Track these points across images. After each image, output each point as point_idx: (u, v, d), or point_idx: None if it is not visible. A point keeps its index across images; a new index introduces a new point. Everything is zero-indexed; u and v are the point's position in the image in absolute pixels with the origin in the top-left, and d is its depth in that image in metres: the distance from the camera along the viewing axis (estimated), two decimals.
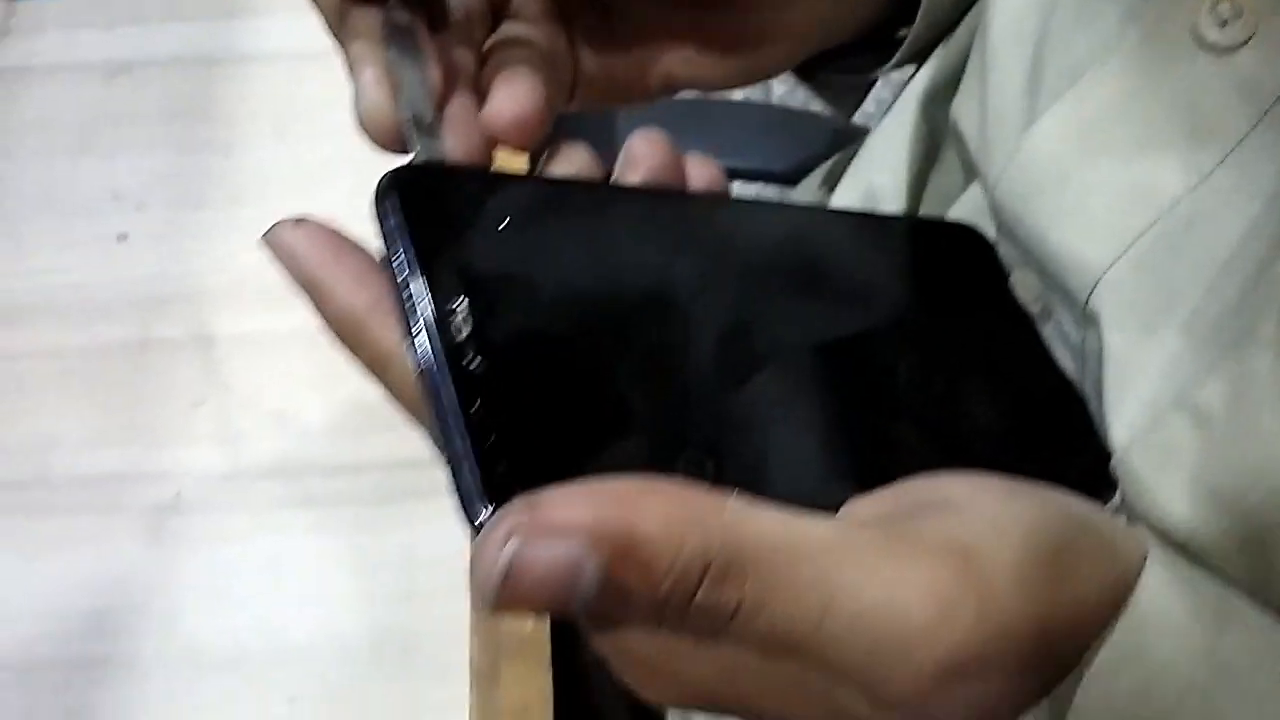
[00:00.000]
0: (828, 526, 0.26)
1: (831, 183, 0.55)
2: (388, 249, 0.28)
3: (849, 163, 0.53)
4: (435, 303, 0.27)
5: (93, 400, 0.53)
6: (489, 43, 0.35)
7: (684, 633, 0.25)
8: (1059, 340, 0.38)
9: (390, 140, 0.31)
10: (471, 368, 0.26)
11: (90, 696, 0.46)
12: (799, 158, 0.83)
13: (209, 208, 0.59)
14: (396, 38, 0.31)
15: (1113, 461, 0.34)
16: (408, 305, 0.27)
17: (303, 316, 0.55)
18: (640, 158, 0.33)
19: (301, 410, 0.53)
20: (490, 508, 0.24)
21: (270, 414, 0.52)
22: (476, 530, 0.24)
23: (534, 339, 0.28)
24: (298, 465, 0.51)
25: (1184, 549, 0.31)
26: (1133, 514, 0.33)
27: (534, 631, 0.46)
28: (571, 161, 0.33)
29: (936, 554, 0.26)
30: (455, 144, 0.31)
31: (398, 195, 0.28)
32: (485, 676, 0.45)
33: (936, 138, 0.46)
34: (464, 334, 0.27)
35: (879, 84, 0.49)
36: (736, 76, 0.41)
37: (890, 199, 0.47)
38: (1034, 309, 0.38)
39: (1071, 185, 0.35)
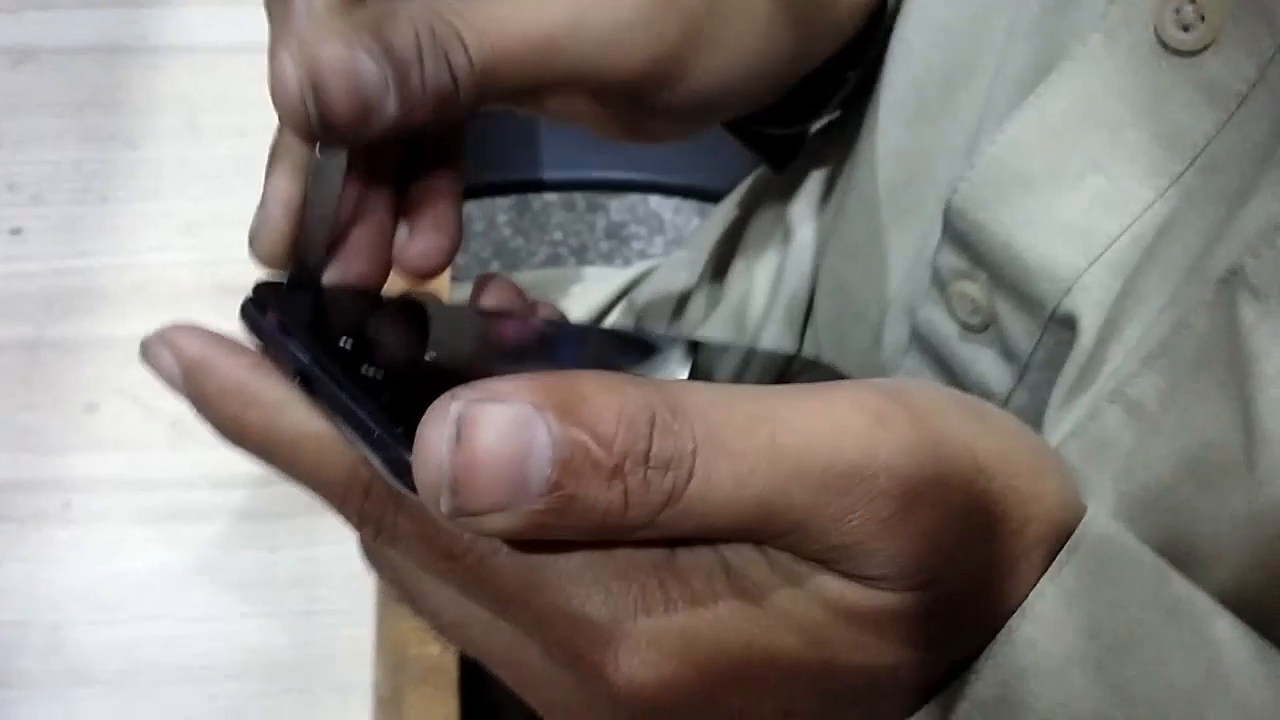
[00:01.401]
0: (749, 387, 0.25)
1: (749, 203, 0.54)
2: (261, 322, 0.29)
3: (763, 182, 0.52)
4: (319, 339, 0.28)
5: None
6: (416, 157, 0.35)
7: (647, 510, 0.23)
8: (995, 351, 0.37)
9: (269, 265, 0.33)
10: (369, 375, 0.27)
11: None
12: (734, 175, 0.82)
13: (112, 202, 0.56)
14: (318, 170, 0.32)
15: None
16: (293, 347, 0.28)
17: (207, 319, 0.54)
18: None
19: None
20: None
21: (168, 422, 0.50)
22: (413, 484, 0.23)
23: (415, 363, 0.30)
24: (195, 476, 0.49)
25: None
26: None
27: (441, 657, 0.44)
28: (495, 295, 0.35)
29: (860, 387, 0.25)
30: (336, 278, 0.33)
31: (267, 288, 0.31)
32: (388, 703, 0.44)
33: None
34: (352, 359, 0.28)
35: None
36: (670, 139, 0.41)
37: (806, 220, 0.47)
38: (971, 320, 0.37)
39: (1039, 191, 0.35)
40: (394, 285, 0.35)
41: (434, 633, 0.28)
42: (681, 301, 0.55)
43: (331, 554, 0.47)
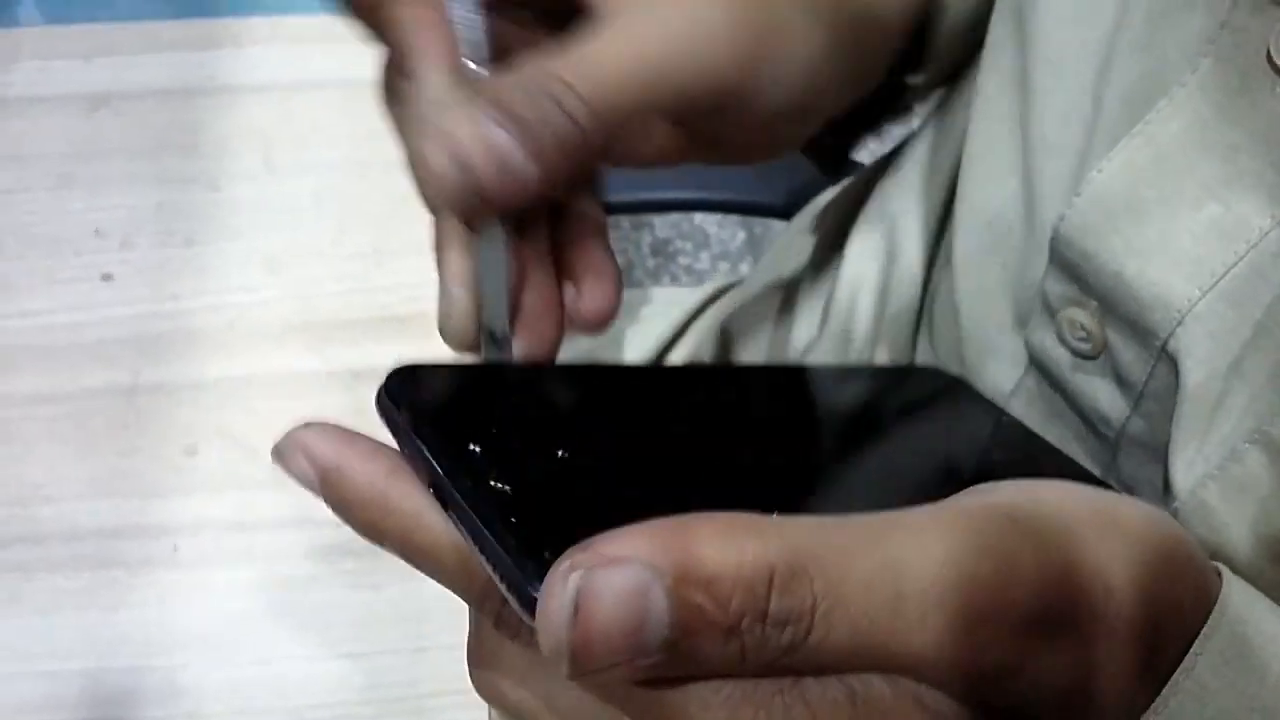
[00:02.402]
0: (873, 516, 0.25)
1: (829, 220, 0.54)
2: (397, 419, 0.29)
3: (848, 199, 0.52)
4: (450, 447, 0.28)
5: (81, 448, 0.51)
6: (563, 213, 0.36)
7: (763, 661, 0.23)
8: (1109, 379, 0.37)
9: (465, 350, 0.33)
10: (498, 488, 0.27)
11: None
12: (786, 190, 0.82)
13: (197, 244, 0.57)
14: (484, 247, 0.33)
15: (1176, 505, 0.34)
16: (426, 453, 0.28)
17: (299, 356, 0.54)
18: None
19: None
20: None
21: (268, 461, 0.50)
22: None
23: (553, 468, 0.29)
24: (298, 515, 0.49)
25: None
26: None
27: None
28: None
29: (980, 513, 0.25)
30: (524, 352, 0.34)
31: (399, 378, 0.30)
32: None
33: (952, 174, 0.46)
34: (483, 467, 0.27)
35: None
36: (741, 163, 0.41)
37: (911, 235, 0.47)
38: (1082, 347, 0.37)
39: (1151, 219, 0.34)
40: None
41: None
42: (778, 324, 0.55)
43: (437, 589, 0.47)
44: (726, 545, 0.23)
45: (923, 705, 0.24)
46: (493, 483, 0.27)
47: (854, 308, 0.48)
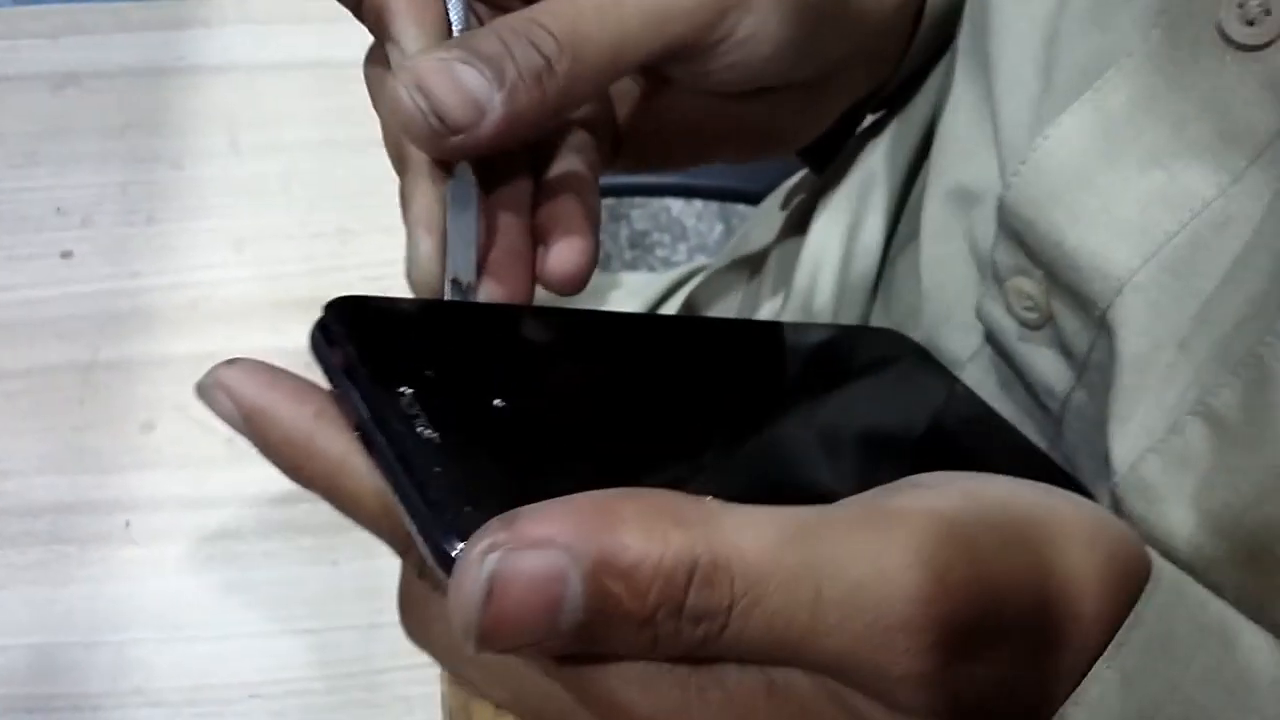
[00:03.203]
0: (806, 511, 0.25)
1: (797, 199, 0.54)
2: (329, 358, 0.28)
3: (816, 179, 0.52)
4: (379, 390, 0.27)
5: (38, 425, 0.50)
6: (547, 174, 0.36)
7: (676, 651, 0.23)
8: (1053, 349, 0.37)
9: (425, 292, 0.33)
10: (424, 436, 0.26)
11: None
12: (764, 178, 0.82)
13: (160, 222, 0.57)
14: (453, 195, 0.33)
15: (1115, 479, 0.33)
16: (354, 397, 0.27)
17: (262, 335, 0.54)
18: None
19: None
20: (460, 544, 0.23)
21: (225, 439, 0.50)
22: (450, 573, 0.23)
23: (484, 417, 0.28)
24: (254, 492, 0.49)
25: (1185, 568, 0.30)
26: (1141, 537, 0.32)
27: None
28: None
29: (917, 520, 0.25)
30: (489, 299, 0.33)
31: (335, 314, 0.29)
32: (458, 714, 0.43)
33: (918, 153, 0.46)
34: (412, 413, 0.27)
35: None
36: (766, 155, 0.42)
37: (874, 211, 0.46)
38: (1028, 316, 0.37)
39: (1095, 188, 0.34)
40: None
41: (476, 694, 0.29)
42: (743, 298, 0.55)
43: (394, 566, 0.47)
44: (650, 533, 0.23)
45: (840, 702, 0.25)
46: (419, 430, 0.26)
47: (815, 283, 0.47)
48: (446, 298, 0.33)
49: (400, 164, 0.34)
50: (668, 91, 0.39)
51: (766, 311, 0.52)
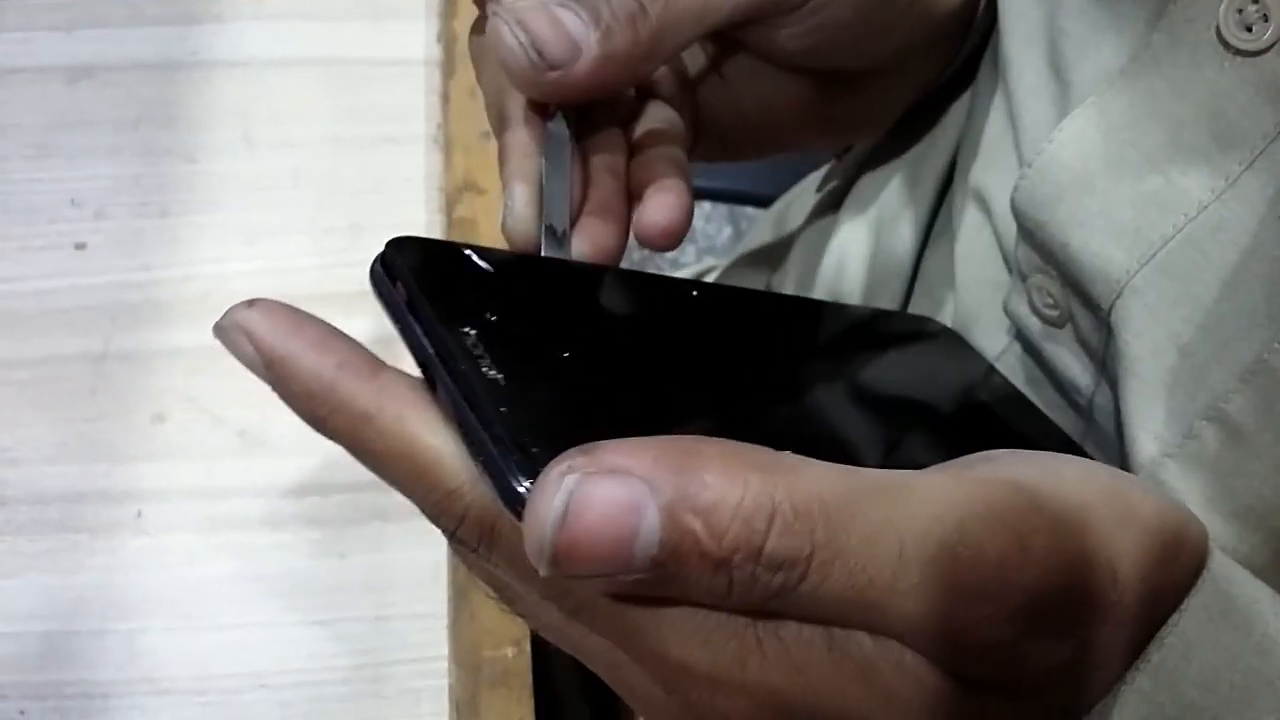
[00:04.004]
0: (891, 473, 0.24)
1: (823, 193, 0.54)
2: (391, 294, 0.28)
3: (842, 173, 0.52)
4: (444, 327, 0.26)
5: (50, 414, 0.51)
6: (638, 133, 0.37)
7: (750, 600, 0.23)
8: (1076, 348, 0.37)
9: (524, 247, 0.34)
10: (490, 376, 0.25)
11: None
12: (775, 181, 0.82)
13: (172, 215, 0.57)
14: (549, 148, 0.34)
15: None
16: (418, 332, 0.27)
17: None
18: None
19: (269, 427, 0.51)
20: (528, 481, 0.23)
21: (236, 430, 0.50)
22: (520, 515, 0.23)
23: (549, 364, 0.28)
24: (264, 484, 0.49)
25: None
26: None
27: (515, 660, 0.44)
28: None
29: (1000, 487, 0.24)
30: (582, 253, 0.34)
31: (397, 250, 0.29)
32: (466, 706, 0.44)
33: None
34: (478, 353, 0.26)
35: None
36: (837, 144, 0.42)
37: (905, 207, 0.47)
38: (1050, 314, 0.37)
39: (1095, 191, 0.34)
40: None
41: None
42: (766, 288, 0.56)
43: (402, 559, 0.48)
44: (732, 476, 0.22)
45: (903, 668, 0.24)
46: (486, 370, 0.26)
47: (842, 274, 0.48)
48: (542, 247, 0.33)
49: (499, 123, 0.35)
50: (744, 72, 0.40)
51: None
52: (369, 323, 0.54)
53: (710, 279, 0.65)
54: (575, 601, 0.25)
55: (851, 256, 0.48)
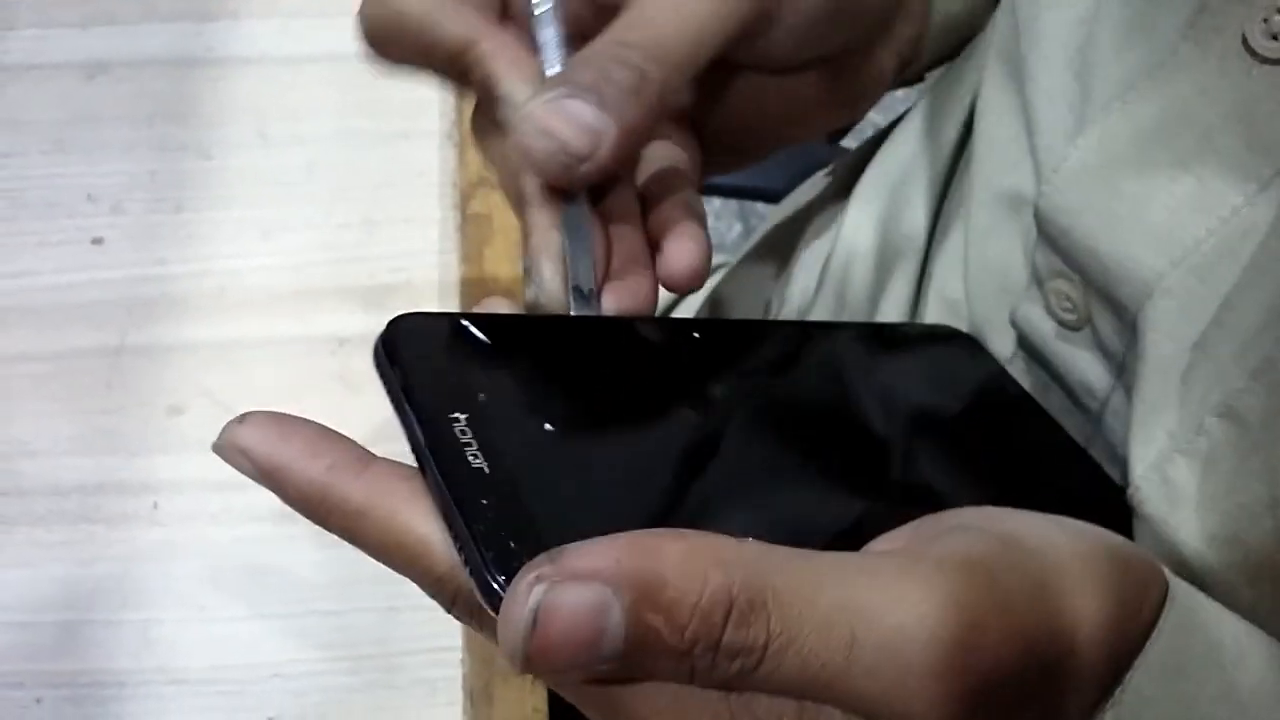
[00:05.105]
0: (843, 557, 0.26)
1: (829, 189, 0.55)
2: (389, 377, 0.30)
3: (847, 169, 0.52)
4: (433, 417, 0.28)
5: (67, 407, 0.51)
6: (650, 180, 0.37)
7: (713, 683, 0.24)
8: (1093, 351, 0.37)
9: (554, 309, 0.35)
10: (474, 466, 0.27)
11: (61, 714, 0.44)
12: (783, 175, 0.83)
13: (188, 210, 0.57)
14: (569, 218, 0.35)
15: (1138, 478, 0.34)
16: (410, 421, 0.28)
17: (286, 323, 0.55)
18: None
19: None
20: (502, 579, 0.25)
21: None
22: (496, 609, 0.25)
23: (535, 444, 0.29)
24: None
25: (1197, 580, 0.31)
26: (1153, 541, 0.33)
27: None
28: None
29: (955, 571, 0.25)
30: (616, 307, 0.35)
31: (396, 331, 0.30)
32: (480, 696, 0.44)
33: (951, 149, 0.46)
34: (464, 441, 0.28)
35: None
36: (840, 121, 0.44)
37: (913, 204, 0.47)
38: (1068, 318, 0.37)
39: (1125, 194, 0.35)
40: None
41: None
42: (774, 293, 0.56)
43: None
44: (690, 572, 0.24)
45: None
46: (472, 459, 0.27)
47: (848, 273, 0.48)
48: (572, 308, 0.34)
49: (517, 203, 0.36)
50: (738, 87, 0.40)
51: (797, 300, 0.53)
52: (382, 317, 0.54)
53: (720, 275, 0.65)
54: (557, 678, 0.27)
55: (858, 254, 0.48)
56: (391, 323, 0.31)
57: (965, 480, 0.34)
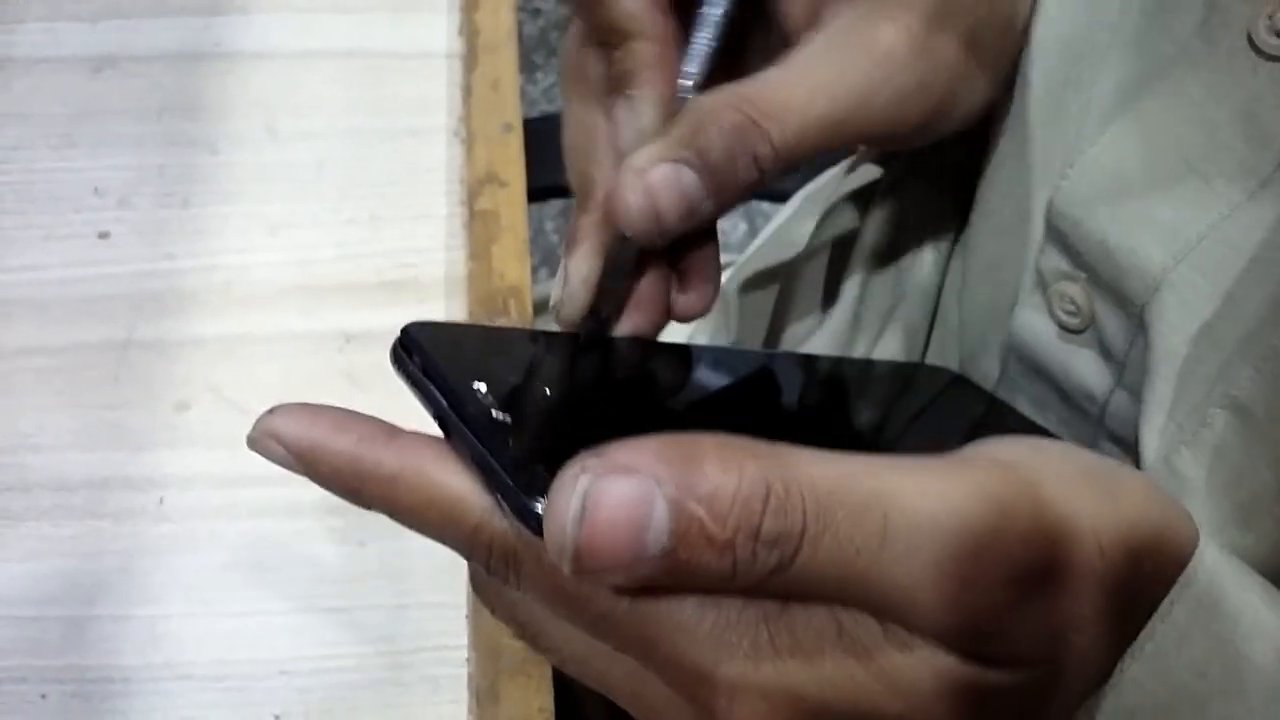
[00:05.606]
0: (876, 457, 0.26)
1: (846, 198, 0.54)
2: (408, 364, 0.31)
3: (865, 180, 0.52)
4: (456, 383, 0.30)
5: (73, 401, 0.51)
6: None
7: (752, 577, 0.24)
8: (1094, 353, 0.38)
9: (568, 329, 0.37)
10: (498, 418, 0.29)
11: (67, 709, 0.44)
12: (793, 175, 0.82)
13: (195, 205, 0.57)
14: (622, 248, 0.36)
15: (1146, 470, 0.34)
16: (433, 390, 0.30)
17: (293, 318, 0.55)
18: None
19: None
20: (541, 500, 0.26)
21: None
22: (537, 530, 0.25)
23: (548, 405, 0.31)
24: (284, 473, 0.49)
25: None
26: None
27: None
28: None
29: (984, 465, 0.26)
30: (625, 333, 0.37)
31: (411, 332, 0.32)
32: (486, 694, 0.44)
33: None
34: (486, 402, 0.29)
35: None
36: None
37: (929, 219, 0.47)
38: (1071, 321, 0.38)
39: (1134, 190, 0.35)
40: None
41: (554, 665, 0.30)
42: (778, 312, 0.56)
43: (421, 547, 0.47)
44: (727, 464, 0.24)
45: (909, 648, 0.25)
46: (494, 413, 0.29)
47: (867, 289, 0.48)
48: (584, 327, 0.36)
49: (581, 200, 0.37)
50: None
51: (809, 319, 0.52)
52: (389, 314, 0.54)
53: (725, 275, 0.65)
54: (595, 613, 0.27)
55: (876, 268, 0.48)
56: (407, 327, 0.32)
57: None
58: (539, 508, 0.26)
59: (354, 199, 0.58)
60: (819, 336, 0.51)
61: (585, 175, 0.37)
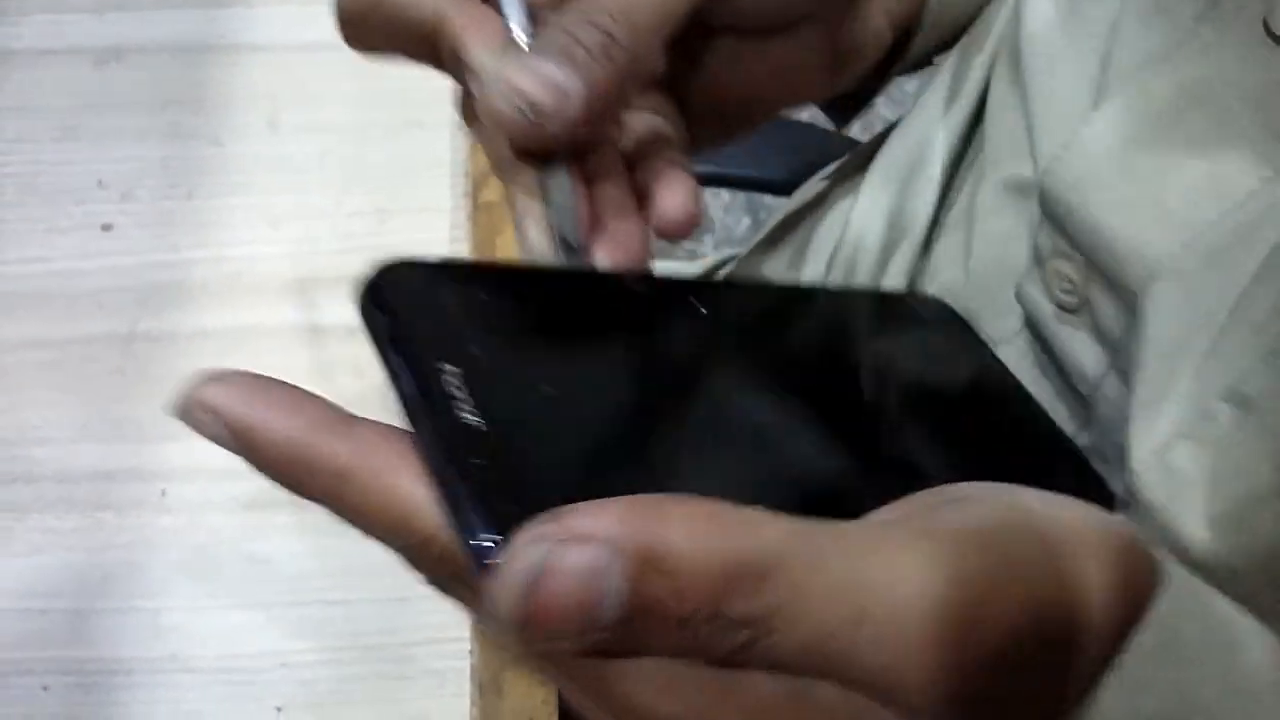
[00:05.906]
0: (849, 526, 0.25)
1: (841, 176, 0.54)
2: (375, 325, 0.27)
3: (860, 156, 0.52)
4: (423, 368, 0.26)
5: (78, 393, 0.51)
6: (633, 146, 0.37)
7: (715, 655, 0.23)
8: (1089, 334, 0.37)
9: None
10: (465, 421, 0.25)
11: (71, 701, 0.44)
12: (793, 167, 0.82)
13: (199, 197, 0.57)
14: (551, 181, 0.34)
15: (1136, 463, 0.34)
16: (398, 370, 0.26)
17: (297, 311, 0.55)
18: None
19: None
20: (498, 539, 0.23)
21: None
22: (485, 570, 0.23)
23: (529, 400, 0.27)
24: None
25: (1196, 567, 0.30)
26: (1149, 528, 0.33)
27: None
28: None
29: (963, 542, 0.25)
30: (609, 262, 0.34)
31: (385, 277, 0.28)
32: (489, 687, 0.44)
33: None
34: (455, 396, 0.26)
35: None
36: (828, 90, 0.42)
37: (923, 186, 0.47)
38: (1067, 300, 0.37)
39: (1136, 174, 0.35)
40: None
41: None
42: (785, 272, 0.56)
43: None
44: (694, 535, 0.23)
45: (870, 714, 0.24)
46: (463, 413, 0.26)
47: (855, 264, 0.48)
48: (564, 260, 0.33)
49: (502, 173, 0.35)
50: (713, 48, 0.40)
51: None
52: None
53: (729, 267, 0.65)
54: (539, 659, 0.26)
55: (865, 247, 0.48)
56: (380, 266, 0.28)
57: (946, 459, 0.34)
58: (491, 558, 0.23)
59: (358, 192, 0.58)
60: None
61: (498, 159, 0.36)
